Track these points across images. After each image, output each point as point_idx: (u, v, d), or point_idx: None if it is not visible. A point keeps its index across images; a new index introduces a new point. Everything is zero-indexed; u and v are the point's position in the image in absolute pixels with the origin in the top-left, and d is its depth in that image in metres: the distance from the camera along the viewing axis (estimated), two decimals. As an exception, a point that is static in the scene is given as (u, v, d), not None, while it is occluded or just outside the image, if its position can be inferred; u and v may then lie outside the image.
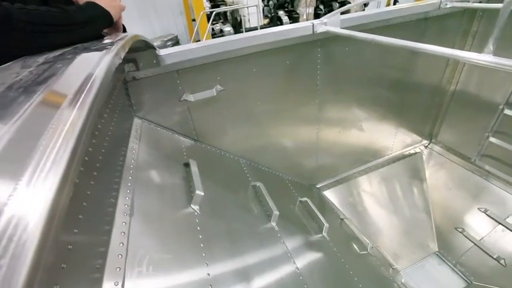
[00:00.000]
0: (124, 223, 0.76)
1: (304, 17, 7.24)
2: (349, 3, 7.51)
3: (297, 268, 1.18)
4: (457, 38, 2.26)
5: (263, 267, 1.08)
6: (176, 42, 6.48)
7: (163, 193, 1.02)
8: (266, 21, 6.95)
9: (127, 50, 0.84)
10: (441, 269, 2.22)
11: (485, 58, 0.88)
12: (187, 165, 1.25)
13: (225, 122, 1.70)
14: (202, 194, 1.03)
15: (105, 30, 1.02)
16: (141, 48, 1.25)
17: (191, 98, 1.50)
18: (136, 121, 1.34)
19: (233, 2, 6.05)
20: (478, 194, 2.37)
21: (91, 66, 0.59)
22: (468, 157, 2.48)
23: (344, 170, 2.47)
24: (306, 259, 1.30)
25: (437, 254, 2.33)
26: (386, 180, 2.60)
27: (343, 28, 1.65)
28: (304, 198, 1.66)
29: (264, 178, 1.76)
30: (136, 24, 6.36)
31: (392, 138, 2.62)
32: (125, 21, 1.15)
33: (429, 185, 2.64)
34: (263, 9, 6.97)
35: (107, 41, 0.87)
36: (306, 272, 1.19)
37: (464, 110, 2.48)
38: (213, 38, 5.34)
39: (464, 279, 2.12)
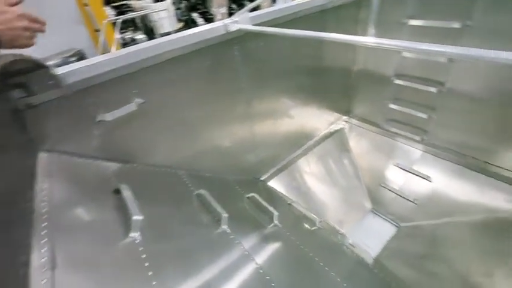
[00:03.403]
0: (45, 280, 0.64)
1: (219, 17, 7.27)
2: None
3: (257, 264, 1.20)
4: (350, 25, 2.61)
5: (224, 275, 1.06)
6: (81, 57, 5.70)
7: (92, 231, 0.90)
8: (181, 24, 6.72)
9: None
10: (376, 221, 2.59)
11: (369, 40, 1.04)
12: (118, 191, 1.13)
13: (154, 135, 1.59)
14: (141, 217, 0.95)
15: None
16: (28, 69, 1.05)
17: (108, 117, 1.35)
18: (42, 156, 1.14)
19: (141, 8, 5.65)
20: (391, 153, 2.83)
21: None
22: (378, 124, 2.93)
23: (283, 157, 2.61)
24: (265, 252, 1.33)
25: (372, 211, 2.69)
26: (321, 157, 2.86)
27: (255, 25, 1.72)
28: (251, 194, 1.70)
29: (208, 184, 1.73)
30: (24, 41, 5.34)
31: (319, 119, 2.90)
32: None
33: (355, 154, 3.02)
34: (175, 13, 6.71)
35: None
36: (267, 265, 1.23)
37: (368, 85, 2.90)
38: (124, 48, 4.89)
39: (394, 225, 2.52)
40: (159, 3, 5.44)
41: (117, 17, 4.77)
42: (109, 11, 5.32)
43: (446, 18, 2.07)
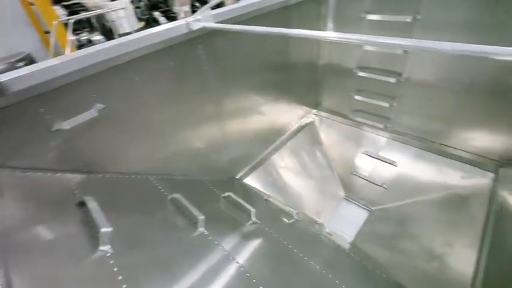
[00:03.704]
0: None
1: (183, 15, 7.07)
2: (222, -3, 7.70)
3: (238, 263, 1.20)
4: (313, 21, 2.68)
5: (205, 279, 1.04)
6: (30, 61, 5.20)
7: (56, 249, 0.83)
8: (142, 24, 6.43)
9: None
10: (350, 208, 2.72)
11: (331, 35, 1.08)
12: (82, 204, 1.05)
13: (119, 142, 1.51)
14: (111, 229, 0.90)
15: None
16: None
17: (66, 125, 1.25)
18: (-10, 173, 1.03)
19: (96, 7, 5.29)
20: (359, 142, 2.98)
21: None
22: (345, 115, 3.06)
23: (257, 154, 2.63)
24: (245, 250, 1.33)
25: (345, 198, 2.82)
26: (294, 151, 2.92)
27: (218, 22, 1.70)
28: (227, 193, 1.69)
29: (181, 187, 1.68)
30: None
31: (289, 114, 2.95)
32: None
33: (326, 145, 3.13)
34: (135, 12, 6.40)
35: None
36: (248, 263, 1.23)
37: (334, 79, 3.01)
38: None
39: (366, 210, 2.66)
40: (116, 1, 5.14)
41: (68, 17, 4.42)
42: (60, 11, 4.92)
43: (398, 13, 2.22)
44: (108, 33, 5.51)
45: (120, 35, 5.20)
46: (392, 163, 2.74)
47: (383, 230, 2.45)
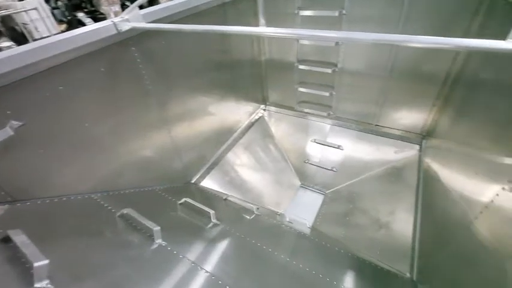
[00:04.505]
0: None
1: (112, 16, 6.50)
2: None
3: (205, 270, 1.16)
4: (251, 18, 2.72)
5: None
6: None
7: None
8: (63, 26, 5.72)
9: None
10: (307, 194, 2.87)
11: (262, 30, 1.11)
12: (7, 239, 0.89)
13: (49, 162, 1.31)
14: (47, 261, 0.78)
15: None
16: None
17: (-29, 150, 1.04)
18: None
19: (0, 7, 4.50)
20: (307, 131, 3.16)
21: None
22: (292, 107, 3.21)
23: (211, 155, 2.58)
24: (211, 257, 1.29)
25: (301, 186, 2.97)
26: (248, 148, 2.96)
27: (151, 22, 1.60)
28: (183, 199, 1.62)
29: (132, 201, 1.56)
30: None
31: (238, 112, 2.97)
32: None
33: (277, 138, 3.24)
34: (53, 13, 5.65)
35: None
36: (217, 269, 1.20)
37: (278, 73, 3.12)
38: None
39: (321, 194, 2.84)
40: (25, 1, 4.45)
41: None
42: (-51, 14, 4.07)
43: (327, 8, 2.39)
44: (21, 39, 4.76)
45: (36, 40, 4.53)
46: (338, 147, 2.98)
47: (337, 210, 2.66)
